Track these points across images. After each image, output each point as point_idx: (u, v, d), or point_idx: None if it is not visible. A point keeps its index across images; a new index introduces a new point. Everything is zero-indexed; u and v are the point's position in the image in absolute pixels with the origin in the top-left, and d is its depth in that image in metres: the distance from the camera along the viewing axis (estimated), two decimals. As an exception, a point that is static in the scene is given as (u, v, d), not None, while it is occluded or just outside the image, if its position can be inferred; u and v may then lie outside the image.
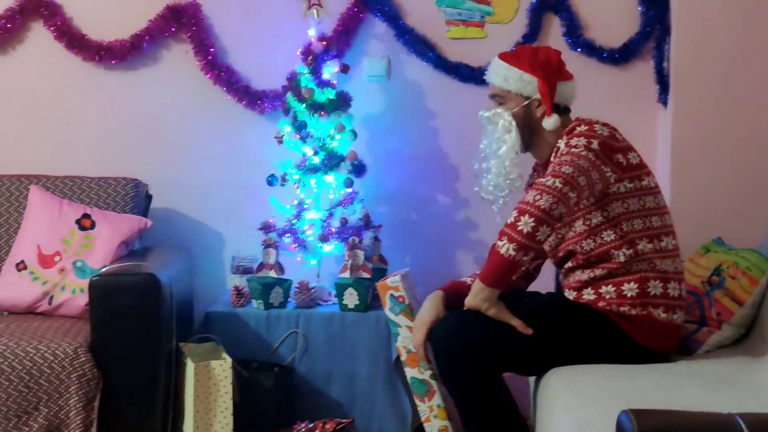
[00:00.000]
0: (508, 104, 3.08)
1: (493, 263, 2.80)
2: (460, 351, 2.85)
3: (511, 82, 3.05)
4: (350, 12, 4.12)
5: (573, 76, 3.12)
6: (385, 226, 4.03)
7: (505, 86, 3.07)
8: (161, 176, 4.12)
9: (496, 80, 3.10)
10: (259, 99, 4.14)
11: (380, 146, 4.17)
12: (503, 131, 3.06)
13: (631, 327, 2.90)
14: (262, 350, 3.71)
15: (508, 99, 3.08)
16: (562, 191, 2.73)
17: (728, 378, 2.74)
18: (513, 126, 3.05)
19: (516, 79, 3.05)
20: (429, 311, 2.97)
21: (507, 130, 3.05)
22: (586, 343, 2.91)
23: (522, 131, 3.06)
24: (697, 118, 3.90)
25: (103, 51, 4.10)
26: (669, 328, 2.94)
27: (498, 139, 3.06)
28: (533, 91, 3.05)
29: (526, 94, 3.05)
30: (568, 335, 2.92)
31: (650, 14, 4.05)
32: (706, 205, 3.83)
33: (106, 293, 3.25)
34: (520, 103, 3.06)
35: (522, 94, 3.06)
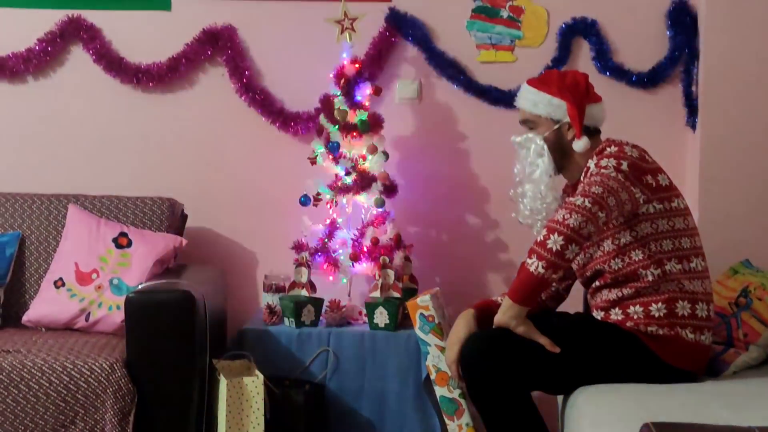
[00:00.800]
0: (539, 129, 3.13)
1: (522, 280, 2.84)
2: (489, 369, 2.88)
3: (540, 106, 3.11)
4: (382, 36, 4.18)
5: (601, 98, 3.16)
6: (416, 246, 4.08)
7: (534, 111, 3.12)
8: (196, 196, 4.19)
9: (525, 105, 3.15)
10: (292, 121, 4.20)
11: (411, 167, 4.21)
12: (536, 155, 3.11)
13: (658, 347, 2.92)
14: (294, 368, 3.75)
15: (538, 124, 3.13)
16: (591, 211, 2.77)
17: (755, 398, 2.75)
18: (545, 150, 3.09)
19: (545, 103, 3.10)
20: (462, 329, 3.01)
21: (539, 155, 3.10)
22: (614, 362, 2.93)
23: (554, 154, 3.10)
24: (725, 141, 3.92)
25: (140, 74, 4.18)
26: (697, 349, 2.96)
27: (531, 163, 3.12)
28: (563, 115, 3.09)
29: (556, 118, 3.10)
30: (596, 354, 2.94)
31: (678, 38, 4.08)
32: (735, 227, 3.85)
33: (141, 310, 3.31)
34: (551, 127, 3.11)
35: (552, 118, 3.11)
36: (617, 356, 2.93)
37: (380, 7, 4.17)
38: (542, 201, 3.09)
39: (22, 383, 3.21)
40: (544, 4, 4.19)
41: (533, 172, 3.11)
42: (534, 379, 2.95)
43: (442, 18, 4.20)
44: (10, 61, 4.19)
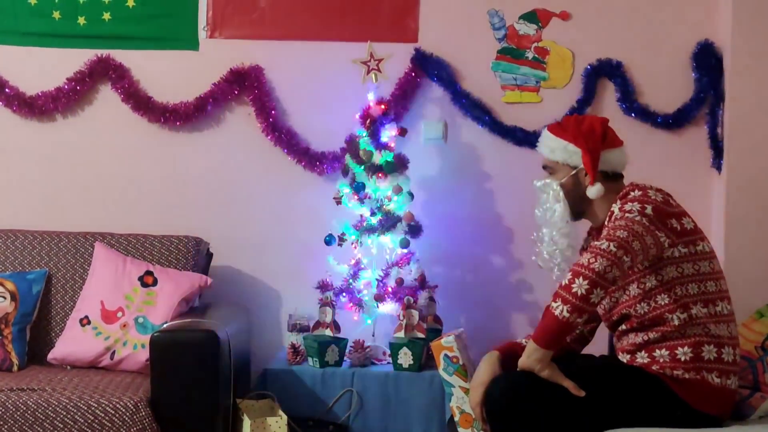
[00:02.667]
0: (557, 174, 3.15)
1: (547, 324, 2.83)
2: (513, 412, 2.86)
3: (557, 153, 3.13)
4: (408, 77, 4.21)
5: (622, 143, 3.15)
6: (441, 286, 4.07)
7: (551, 157, 3.15)
8: (222, 235, 4.22)
9: (544, 151, 3.18)
10: (318, 160, 4.23)
11: (436, 208, 4.23)
12: (553, 201, 3.13)
13: (684, 391, 2.90)
14: (318, 408, 3.74)
15: (556, 170, 3.15)
16: (617, 255, 2.76)
17: (782, 444, 2.73)
18: (561, 196, 3.11)
19: (561, 149, 3.12)
20: (486, 371, 3.00)
21: (556, 200, 3.12)
22: (640, 406, 2.91)
23: (572, 200, 3.11)
24: (750, 183, 3.92)
25: (168, 113, 4.23)
26: (723, 393, 2.93)
27: (548, 208, 3.14)
28: (579, 161, 3.10)
29: (573, 164, 3.12)
30: (622, 398, 2.92)
31: (704, 80, 4.09)
32: (761, 270, 3.83)
33: (166, 349, 3.32)
34: (568, 173, 3.12)
35: (569, 164, 3.12)
36: (642, 400, 2.91)
37: (406, 48, 4.21)
38: (556, 246, 3.10)
39: (47, 421, 3.21)
40: (569, 45, 4.21)
41: (551, 217, 3.13)
42: (559, 423, 2.92)
43: (467, 59, 4.23)
44: (39, 100, 4.25)
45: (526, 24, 4.23)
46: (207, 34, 4.28)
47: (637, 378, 2.95)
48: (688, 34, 4.14)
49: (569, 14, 4.22)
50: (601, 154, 3.09)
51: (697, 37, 4.13)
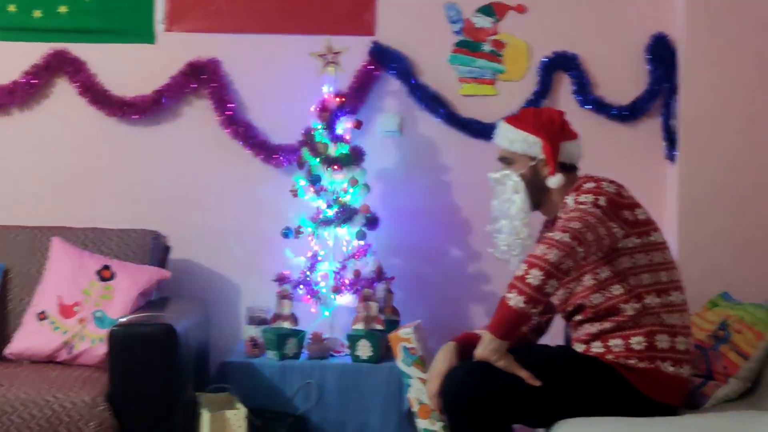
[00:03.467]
0: (515, 165, 3.15)
1: (503, 315, 2.86)
2: (470, 402, 2.88)
3: (516, 144, 3.14)
4: (365, 69, 4.22)
5: (577, 135, 3.18)
6: (398, 278, 4.09)
7: (511, 148, 3.15)
8: (180, 228, 4.20)
9: (502, 143, 3.18)
10: (275, 153, 4.23)
11: (393, 200, 4.24)
12: (512, 192, 3.13)
13: (638, 380, 2.93)
14: (277, 401, 3.75)
15: (515, 160, 3.16)
16: (571, 246, 2.79)
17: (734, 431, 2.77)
18: (521, 187, 3.12)
19: (521, 140, 3.13)
20: (443, 362, 3.02)
21: (515, 191, 3.12)
22: (595, 395, 2.94)
23: (531, 191, 3.13)
24: (704, 174, 3.97)
25: (125, 106, 4.21)
26: (676, 382, 2.97)
27: (507, 199, 3.14)
28: (538, 152, 3.12)
29: (532, 155, 3.13)
30: (577, 388, 2.94)
31: (658, 72, 4.13)
32: (713, 260, 3.89)
33: (124, 343, 3.31)
34: (527, 164, 3.14)
35: (528, 155, 3.13)
36: (597, 389, 2.94)
37: (363, 41, 4.22)
38: (517, 237, 3.11)
39: (3, 417, 3.18)
40: (525, 38, 4.24)
41: (509, 208, 3.13)
42: (515, 412, 2.95)
43: (424, 52, 4.25)
44: (-5, 93, 4.21)
45: (482, 17, 4.25)
46: (164, 27, 4.26)
47: (592, 367, 2.97)
48: (642, 27, 4.18)
49: (525, 7, 4.24)
50: (560, 145, 3.12)
51: (651, 30, 4.17)
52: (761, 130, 3.95)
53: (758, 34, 3.95)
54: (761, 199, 3.94)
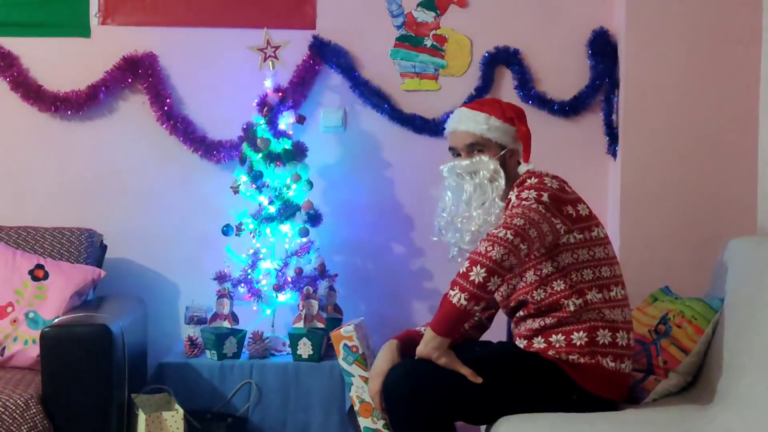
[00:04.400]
0: (486, 153, 3.07)
1: (445, 312, 2.83)
2: (411, 400, 2.86)
3: (492, 130, 3.06)
4: (306, 64, 4.17)
5: None
6: (341, 275, 4.06)
7: (486, 134, 3.06)
8: (116, 226, 4.13)
9: (476, 129, 3.07)
10: (215, 149, 4.17)
11: (336, 196, 4.21)
12: (486, 181, 3.05)
13: (579, 375, 2.93)
14: (216, 401, 3.70)
15: (487, 148, 3.07)
16: (513, 243, 2.77)
17: (675, 426, 2.77)
18: (500, 174, 3.05)
19: (498, 127, 3.07)
20: (385, 360, 2.98)
21: (492, 179, 3.04)
22: (536, 391, 2.93)
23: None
24: (645, 170, 3.98)
25: (59, 102, 4.12)
26: (617, 377, 2.97)
27: (479, 187, 3.04)
28: (510, 141, 3.09)
29: (503, 143, 3.08)
30: (518, 384, 2.94)
31: (599, 67, 4.13)
32: (654, 255, 3.90)
33: (57, 344, 3.24)
34: (498, 152, 3.08)
35: (500, 143, 3.08)
36: (539, 385, 2.94)
37: (304, 35, 4.17)
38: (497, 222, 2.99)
39: (-69, 421, 3.11)
40: (467, 33, 4.22)
41: (484, 198, 3.04)
42: (457, 410, 2.93)
43: (366, 46, 4.21)
44: None
45: (424, 11, 4.23)
46: (99, 21, 4.18)
47: (534, 363, 2.97)
48: (583, 22, 4.18)
49: (467, 2, 4.22)
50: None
51: (593, 25, 4.17)
52: (701, 125, 3.97)
53: (697, 28, 3.96)
54: (701, 194, 3.96)
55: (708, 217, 3.94)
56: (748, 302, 3.03)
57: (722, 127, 3.96)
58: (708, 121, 3.96)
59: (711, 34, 3.96)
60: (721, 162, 3.96)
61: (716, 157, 3.97)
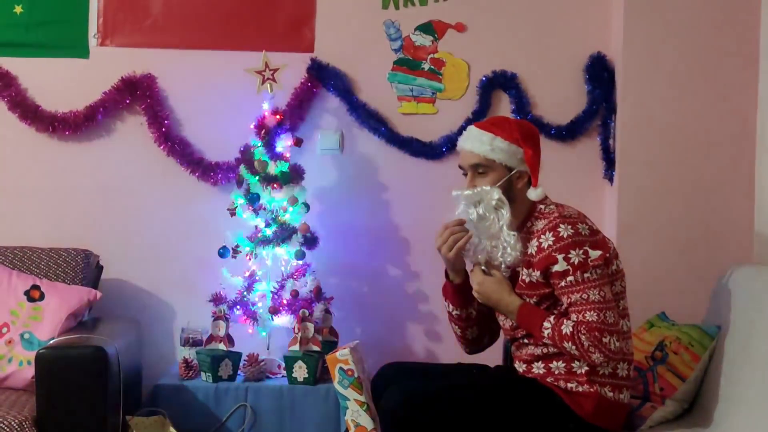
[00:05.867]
0: (491, 175, 3.01)
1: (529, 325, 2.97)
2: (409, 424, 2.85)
3: (497, 151, 3.00)
4: (304, 87, 4.18)
5: None
6: (337, 298, 4.05)
7: (490, 156, 3.00)
8: (113, 247, 4.12)
9: (480, 149, 3.01)
10: (212, 171, 4.17)
11: (332, 219, 4.20)
12: (490, 210, 2.99)
13: (576, 404, 2.92)
14: (211, 424, 3.68)
15: (492, 169, 3.02)
16: (609, 347, 2.86)
17: (671, 454, 2.77)
18: (504, 203, 2.98)
19: (503, 149, 3.00)
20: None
21: (497, 208, 2.99)
22: (533, 418, 2.93)
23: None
24: (642, 195, 3.99)
25: (57, 122, 4.12)
26: (615, 407, 2.96)
27: (482, 217, 2.99)
28: (518, 163, 3.01)
29: (510, 165, 3.01)
30: (515, 410, 2.93)
31: (596, 93, 4.14)
32: (651, 280, 3.90)
33: (52, 366, 3.22)
34: (503, 175, 3.02)
35: (506, 165, 3.01)
36: (535, 412, 2.93)
37: (302, 57, 4.18)
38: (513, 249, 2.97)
39: (-75, 443, 3.09)
40: (465, 57, 4.23)
41: (489, 227, 2.99)
42: (454, 434, 2.93)
43: (363, 69, 4.22)
44: None
45: (422, 35, 4.24)
46: (97, 42, 4.18)
47: (531, 390, 2.97)
48: (580, 47, 4.20)
49: (465, 26, 4.23)
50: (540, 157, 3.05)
51: (590, 50, 4.18)
52: (698, 150, 3.98)
53: (694, 53, 3.98)
54: (698, 220, 3.96)
55: (705, 243, 3.95)
56: (745, 330, 3.04)
57: (719, 152, 3.98)
58: (705, 147, 3.98)
59: (708, 60, 3.99)
60: (718, 188, 3.97)
61: (713, 183, 3.98)
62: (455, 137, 4.05)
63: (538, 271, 2.93)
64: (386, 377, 3.17)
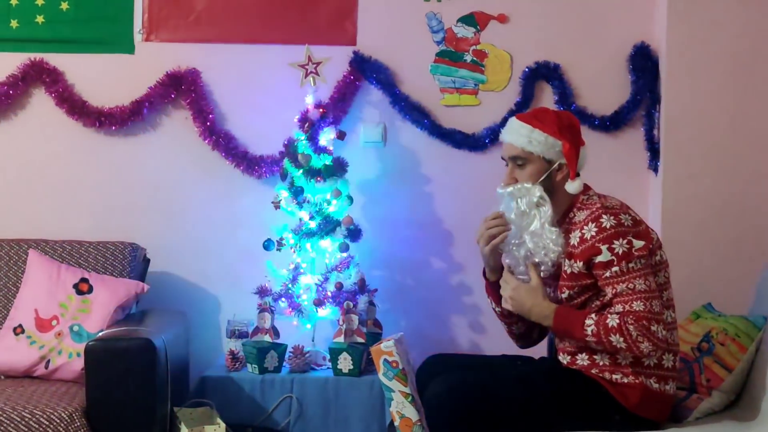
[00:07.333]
0: (529, 167, 3.01)
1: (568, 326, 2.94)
2: (453, 414, 2.86)
3: (535, 144, 2.98)
4: (346, 80, 4.19)
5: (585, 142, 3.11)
6: (380, 290, 4.06)
7: (528, 148, 2.99)
8: (159, 240, 4.16)
9: (518, 141, 3.01)
10: (256, 164, 4.20)
11: (376, 211, 4.22)
12: (531, 206, 2.97)
13: (622, 395, 2.91)
14: (257, 415, 3.72)
15: (530, 161, 3.01)
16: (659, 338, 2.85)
17: (718, 445, 2.76)
18: (546, 200, 2.97)
19: (541, 142, 2.99)
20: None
21: (538, 205, 2.97)
22: (578, 409, 2.92)
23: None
24: (686, 185, 3.96)
25: (103, 117, 4.17)
26: (660, 398, 2.95)
27: (524, 214, 2.98)
28: (557, 156, 3.00)
29: (549, 158, 3.00)
30: (560, 402, 2.93)
31: (640, 83, 4.12)
32: (696, 271, 3.87)
33: (101, 358, 3.27)
34: (542, 167, 3.01)
35: (545, 158, 3.00)
36: (580, 403, 2.92)
37: (344, 51, 4.19)
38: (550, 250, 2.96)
39: (-21, 434, 3.15)
40: (507, 48, 4.22)
41: (529, 223, 2.97)
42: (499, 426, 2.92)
43: (406, 62, 4.22)
44: (-30, 104, 4.16)
45: (464, 27, 4.24)
46: (143, 37, 4.23)
47: (576, 381, 2.96)
48: (624, 37, 4.17)
49: (507, 17, 4.22)
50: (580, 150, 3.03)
51: (633, 40, 4.16)
52: (743, 139, 3.94)
53: (738, 42, 3.95)
54: (744, 210, 3.93)
55: (751, 233, 3.92)
56: (792, 320, 3.01)
57: (765, 142, 3.93)
58: (751, 136, 3.94)
59: (753, 48, 3.95)
60: (763, 178, 3.94)
61: (759, 172, 3.94)
62: (498, 129, 4.05)
63: (580, 262, 2.92)
64: (430, 369, 3.17)
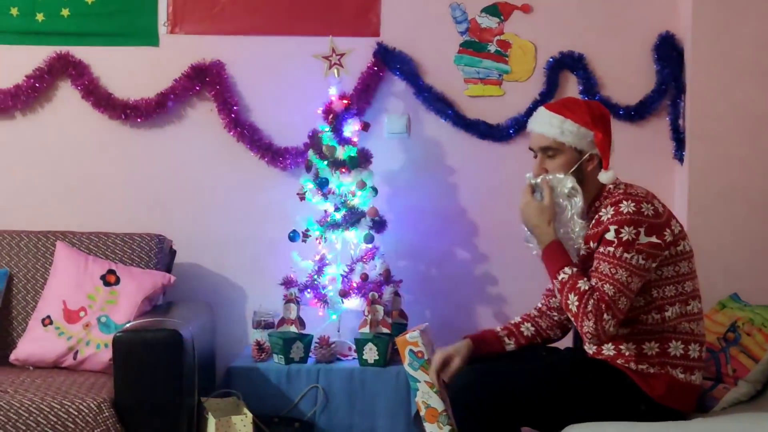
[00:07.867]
0: (560, 157, 2.99)
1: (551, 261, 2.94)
2: (479, 404, 2.86)
3: (567, 134, 2.96)
4: (370, 71, 4.20)
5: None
6: (405, 281, 4.07)
7: (560, 138, 2.97)
8: (185, 232, 4.19)
9: (550, 132, 2.98)
10: (281, 156, 4.21)
11: (400, 202, 4.22)
12: (563, 197, 2.97)
13: (648, 385, 2.90)
14: (283, 405, 3.74)
15: (561, 152, 2.99)
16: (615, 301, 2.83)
17: (744, 435, 2.75)
18: (578, 191, 2.96)
19: (573, 132, 2.96)
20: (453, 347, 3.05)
21: (570, 196, 2.97)
22: (603, 399, 2.91)
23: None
24: (712, 175, 3.94)
25: (129, 109, 4.19)
26: (687, 388, 2.94)
27: (558, 204, 2.97)
28: (588, 146, 2.98)
29: (581, 148, 2.98)
30: (585, 392, 2.92)
31: (665, 72, 4.10)
32: (722, 261, 3.86)
33: (129, 349, 3.30)
34: (573, 157, 2.99)
35: (576, 148, 2.98)
36: (606, 394, 2.92)
37: (368, 42, 4.19)
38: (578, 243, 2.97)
39: (9, 424, 3.17)
40: (531, 38, 4.21)
41: (560, 213, 2.97)
42: (523, 416, 2.93)
43: (430, 52, 4.22)
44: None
45: (488, 17, 4.23)
46: (167, 30, 4.25)
47: (602, 372, 2.95)
48: (649, 26, 4.16)
49: (531, 7, 4.22)
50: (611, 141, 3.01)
51: (659, 29, 4.14)
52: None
53: (764, 31, 3.93)
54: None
55: (777, 223, 3.91)
56: (819, 311, 3.00)
57: (791, 131, 3.92)
58: (776, 126, 3.93)
59: (779, 37, 3.93)
60: (790, 167, 3.92)
61: (785, 162, 3.93)
62: (522, 119, 4.05)
63: (594, 244, 2.92)
64: (456, 359, 3.18)
